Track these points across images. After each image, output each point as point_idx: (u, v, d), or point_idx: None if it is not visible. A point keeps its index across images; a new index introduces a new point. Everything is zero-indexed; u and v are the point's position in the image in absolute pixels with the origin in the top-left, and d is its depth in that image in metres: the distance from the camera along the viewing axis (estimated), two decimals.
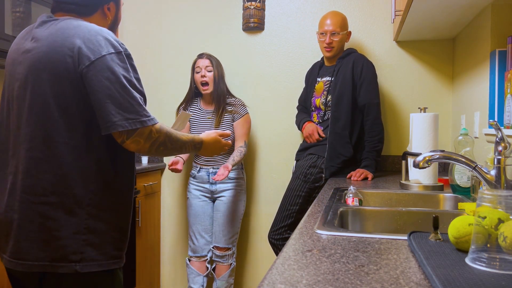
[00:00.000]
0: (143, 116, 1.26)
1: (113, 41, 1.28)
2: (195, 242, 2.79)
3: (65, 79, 1.23)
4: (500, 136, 1.24)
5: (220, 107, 2.75)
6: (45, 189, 1.23)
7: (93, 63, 1.22)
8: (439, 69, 2.81)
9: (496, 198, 0.80)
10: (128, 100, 1.23)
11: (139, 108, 1.25)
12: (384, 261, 0.84)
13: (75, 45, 1.23)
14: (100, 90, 1.21)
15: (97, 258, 1.26)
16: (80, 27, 1.27)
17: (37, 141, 1.24)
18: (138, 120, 1.24)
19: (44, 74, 1.24)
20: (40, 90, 1.24)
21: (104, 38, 1.26)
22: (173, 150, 1.39)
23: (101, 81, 1.21)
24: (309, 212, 1.36)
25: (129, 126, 1.23)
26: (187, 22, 3.15)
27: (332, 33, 2.51)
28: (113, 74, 1.23)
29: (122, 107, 1.22)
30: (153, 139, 1.29)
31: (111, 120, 1.22)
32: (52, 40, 1.25)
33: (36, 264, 1.23)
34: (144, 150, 1.30)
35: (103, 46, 1.24)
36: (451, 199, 1.74)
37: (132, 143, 1.26)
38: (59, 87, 1.23)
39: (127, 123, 1.22)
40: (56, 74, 1.23)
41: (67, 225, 1.23)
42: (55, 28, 1.28)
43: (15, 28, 2.18)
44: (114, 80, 1.22)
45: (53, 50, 1.24)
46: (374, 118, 2.41)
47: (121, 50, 1.29)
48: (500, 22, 1.93)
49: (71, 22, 1.29)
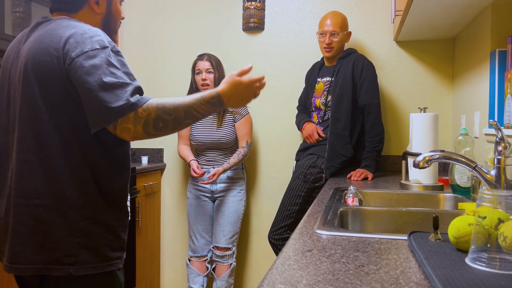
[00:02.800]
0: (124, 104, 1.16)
1: (100, 38, 1.24)
2: (195, 242, 2.80)
3: (52, 80, 1.21)
4: (500, 136, 1.24)
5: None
6: (38, 192, 1.22)
7: (74, 60, 1.18)
8: (439, 69, 2.81)
9: (496, 198, 0.80)
10: (112, 91, 1.16)
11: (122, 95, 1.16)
12: (384, 261, 0.84)
13: (60, 44, 1.21)
14: (80, 87, 1.18)
15: (91, 261, 1.24)
16: (68, 27, 1.25)
17: (29, 143, 1.23)
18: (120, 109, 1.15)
19: (32, 76, 1.22)
20: (29, 92, 1.23)
21: (89, 36, 1.23)
22: (177, 120, 1.24)
23: (81, 76, 1.17)
24: (309, 212, 1.36)
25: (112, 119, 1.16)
26: (187, 22, 3.15)
27: (331, 33, 2.51)
28: (93, 67, 1.17)
29: (105, 101, 1.15)
30: (142, 119, 1.19)
31: (94, 117, 1.18)
32: (40, 41, 1.24)
33: (31, 267, 1.21)
34: (140, 134, 1.21)
35: (86, 43, 1.21)
36: (451, 199, 1.74)
37: (123, 132, 1.19)
38: (47, 88, 1.22)
39: (108, 117, 1.16)
40: (43, 75, 1.21)
41: (61, 227, 1.22)
42: (45, 30, 1.27)
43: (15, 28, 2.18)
44: (94, 74, 1.17)
45: (40, 52, 1.22)
46: (375, 118, 2.41)
47: (108, 45, 1.24)
48: (500, 22, 1.93)
49: (61, 23, 1.28)
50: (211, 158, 2.80)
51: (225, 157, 2.79)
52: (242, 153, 2.75)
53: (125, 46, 3.19)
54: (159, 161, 3.20)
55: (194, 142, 2.82)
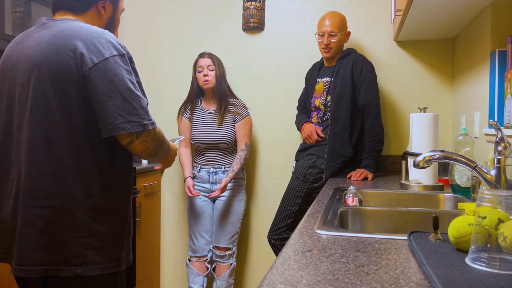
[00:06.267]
0: (145, 120, 1.26)
1: (116, 43, 1.28)
2: (195, 242, 2.80)
3: (67, 81, 1.22)
4: (500, 136, 1.24)
5: (222, 106, 2.76)
6: (47, 193, 1.22)
7: (96, 65, 1.21)
8: (439, 69, 2.81)
9: (496, 198, 0.80)
10: (131, 102, 1.23)
11: (141, 111, 1.25)
12: (384, 261, 0.84)
13: (77, 47, 1.22)
14: (102, 92, 1.21)
15: (99, 261, 1.25)
16: (81, 29, 1.26)
17: (38, 144, 1.23)
18: (140, 123, 1.24)
19: (46, 76, 1.23)
20: (42, 92, 1.23)
21: (106, 40, 1.26)
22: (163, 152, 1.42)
23: (103, 83, 1.21)
24: (309, 212, 1.36)
25: (131, 129, 1.23)
26: (187, 22, 3.15)
27: (330, 34, 2.50)
28: (116, 76, 1.22)
29: (125, 110, 1.22)
30: (156, 139, 1.32)
31: (113, 122, 1.21)
32: (53, 42, 1.24)
33: (39, 269, 1.21)
34: (149, 150, 1.32)
35: (105, 48, 1.24)
36: (451, 199, 1.74)
37: (141, 143, 1.27)
38: (61, 89, 1.22)
39: (129, 126, 1.22)
40: (58, 76, 1.22)
41: (69, 228, 1.22)
42: (56, 30, 1.27)
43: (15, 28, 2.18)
44: (117, 83, 1.22)
45: (55, 52, 1.23)
46: (374, 118, 2.40)
47: (124, 52, 1.29)
48: (500, 22, 1.93)
49: (72, 24, 1.29)
50: (211, 158, 2.80)
51: (225, 157, 2.79)
52: (242, 156, 2.75)
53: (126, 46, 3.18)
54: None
55: (194, 141, 2.82)
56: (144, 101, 1.28)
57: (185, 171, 2.81)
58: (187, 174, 2.79)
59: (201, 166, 2.81)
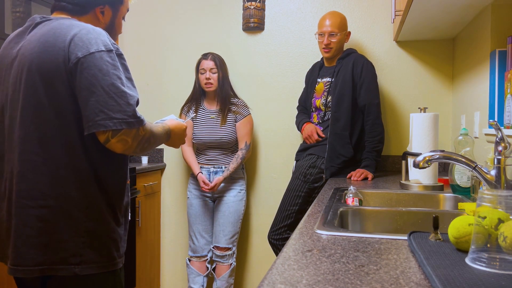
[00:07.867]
0: (131, 117, 1.20)
1: (105, 40, 1.24)
2: (195, 242, 2.80)
3: (57, 79, 1.20)
4: (500, 136, 1.24)
5: (225, 106, 2.76)
6: (43, 193, 1.21)
7: (80, 60, 1.18)
8: (439, 69, 2.81)
9: (496, 198, 0.80)
10: (115, 99, 1.18)
11: (127, 108, 1.19)
12: (384, 261, 0.84)
13: (65, 43, 1.20)
14: (85, 87, 1.18)
15: (96, 260, 1.25)
16: (72, 26, 1.25)
17: (32, 143, 1.22)
18: (124, 121, 1.19)
19: (36, 75, 1.21)
20: (33, 91, 1.22)
21: (95, 36, 1.23)
22: (154, 145, 1.35)
23: (86, 78, 1.18)
24: (309, 212, 1.36)
25: (113, 126, 1.17)
26: (187, 22, 3.15)
27: (330, 34, 2.50)
28: (100, 71, 1.18)
29: (107, 106, 1.17)
30: (140, 137, 1.24)
31: (93, 119, 1.17)
32: (44, 40, 1.23)
33: (36, 269, 1.21)
34: (131, 150, 1.25)
35: (92, 44, 1.21)
36: (451, 199, 1.74)
37: (118, 142, 1.20)
38: (52, 87, 1.21)
39: (110, 123, 1.17)
40: (48, 74, 1.21)
41: (66, 228, 1.22)
42: (47, 29, 1.26)
43: (15, 28, 2.18)
44: (100, 78, 1.18)
45: (45, 51, 1.22)
46: (375, 119, 2.41)
47: (113, 49, 1.24)
48: (500, 22, 1.93)
49: (64, 22, 1.27)
50: (211, 157, 2.80)
51: (226, 156, 2.80)
52: (240, 156, 2.75)
53: (126, 46, 3.18)
54: (159, 161, 3.20)
55: (196, 140, 2.82)
56: (132, 98, 1.22)
57: (193, 169, 2.80)
58: (197, 170, 2.79)
59: (201, 166, 2.81)
